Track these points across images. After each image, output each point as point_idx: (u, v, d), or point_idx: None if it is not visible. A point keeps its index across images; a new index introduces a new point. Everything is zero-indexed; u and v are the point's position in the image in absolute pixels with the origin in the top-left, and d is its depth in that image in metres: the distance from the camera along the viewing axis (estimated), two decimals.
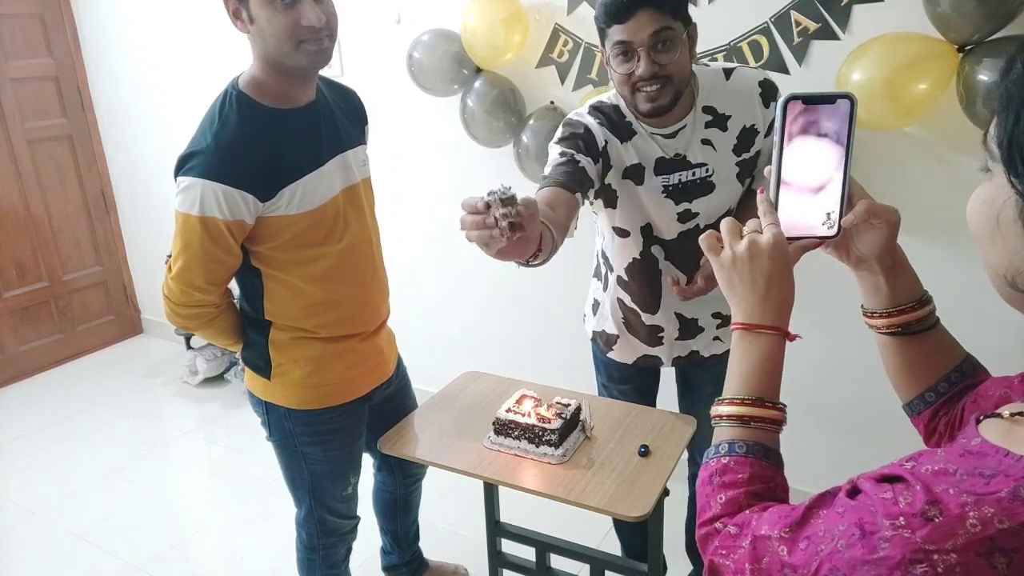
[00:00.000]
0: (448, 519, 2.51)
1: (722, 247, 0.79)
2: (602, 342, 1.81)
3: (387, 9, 2.72)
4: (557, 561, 1.95)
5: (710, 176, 1.52)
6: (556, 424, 1.60)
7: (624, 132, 1.51)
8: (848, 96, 0.73)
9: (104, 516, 2.69)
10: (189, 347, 3.69)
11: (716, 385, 1.73)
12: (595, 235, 1.79)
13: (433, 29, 2.52)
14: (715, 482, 0.73)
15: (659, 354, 1.76)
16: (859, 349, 2.20)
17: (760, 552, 0.64)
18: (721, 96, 1.50)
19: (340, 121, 1.59)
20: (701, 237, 0.82)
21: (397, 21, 2.71)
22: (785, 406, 0.76)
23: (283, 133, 1.46)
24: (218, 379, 3.61)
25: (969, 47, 1.77)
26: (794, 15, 2.03)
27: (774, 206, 0.79)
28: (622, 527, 2.05)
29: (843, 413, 2.30)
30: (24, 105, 3.59)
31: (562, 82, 2.46)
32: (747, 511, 0.69)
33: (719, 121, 1.51)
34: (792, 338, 0.78)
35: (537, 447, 1.61)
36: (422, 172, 2.88)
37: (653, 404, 1.90)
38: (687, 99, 1.48)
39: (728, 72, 1.52)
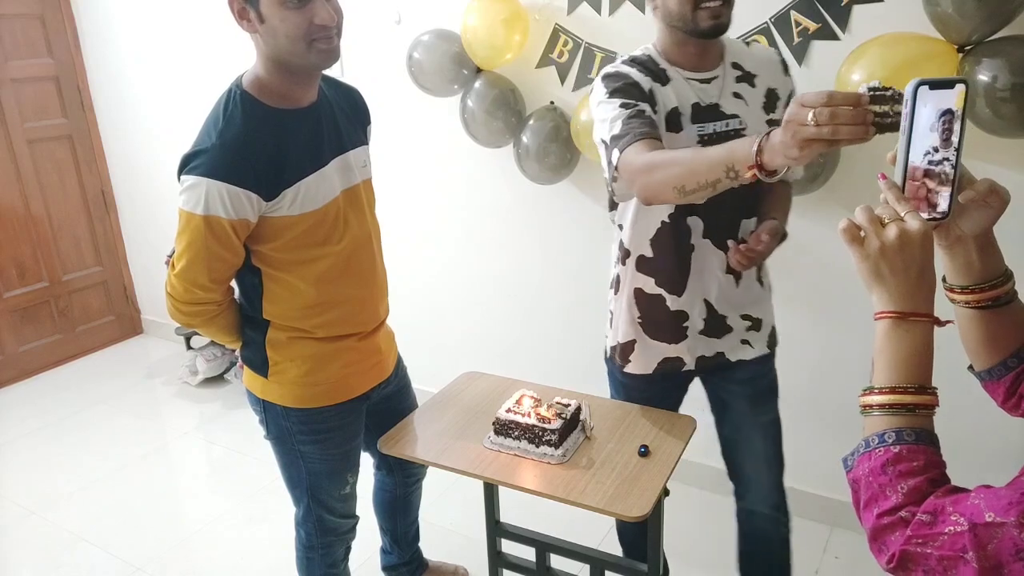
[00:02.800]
0: (448, 519, 2.51)
1: (863, 237, 0.80)
2: (619, 356, 1.73)
3: (387, 9, 2.72)
4: (557, 561, 1.95)
5: (743, 129, 1.50)
6: (556, 424, 1.60)
7: (662, 78, 1.49)
8: (964, 81, 0.77)
9: (104, 516, 2.69)
10: (189, 347, 3.69)
11: (751, 404, 1.72)
12: (608, 243, 1.76)
13: (433, 29, 2.52)
14: (890, 472, 0.74)
15: (681, 353, 1.67)
16: (859, 349, 2.20)
17: (985, 538, 0.66)
18: (745, 58, 1.53)
19: (342, 122, 1.58)
20: (842, 227, 0.81)
21: (397, 21, 2.71)
22: (936, 390, 0.78)
23: (287, 133, 1.46)
24: (218, 379, 3.61)
25: (969, 47, 1.77)
26: (794, 15, 2.03)
27: (901, 190, 0.80)
28: (625, 532, 1.96)
29: (843, 413, 2.30)
30: (24, 105, 3.59)
31: (562, 82, 2.46)
32: (933, 498, 0.71)
33: (747, 78, 1.52)
34: (943, 324, 0.80)
35: (537, 447, 1.61)
36: (422, 172, 2.88)
37: None
38: (717, 50, 1.50)
39: (747, 42, 1.59)
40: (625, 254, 1.66)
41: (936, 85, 0.77)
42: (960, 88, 0.77)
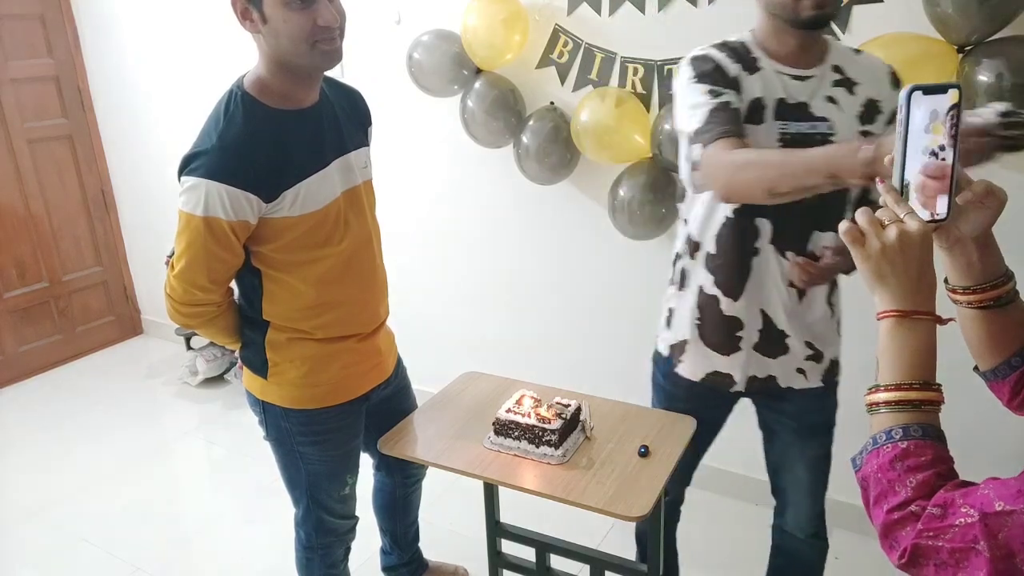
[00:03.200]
0: (448, 519, 2.51)
1: (864, 238, 0.81)
2: (676, 354, 1.65)
3: (387, 9, 2.72)
4: (557, 561, 1.95)
5: (831, 135, 1.39)
6: (556, 424, 1.60)
7: (751, 66, 1.40)
8: (957, 85, 0.79)
9: (104, 516, 2.69)
10: (189, 347, 3.69)
11: (798, 437, 1.68)
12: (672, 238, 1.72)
13: (433, 29, 2.52)
14: (898, 467, 0.75)
15: (732, 370, 1.58)
16: (860, 350, 2.19)
17: (996, 527, 0.67)
18: (850, 64, 1.43)
19: (343, 123, 1.58)
20: (843, 229, 0.82)
21: (397, 21, 2.71)
22: (941, 386, 0.79)
23: (287, 134, 1.46)
24: (218, 379, 3.61)
25: (969, 47, 1.77)
26: None
27: (900, 194, 0.81)
28: (642, 536, 1.90)
29: (843, 413, 2.29)
30: (24, 105, 3.59)
31: (562, 82, 2.46)
32: (942, 491, 0.72)
33: (847, 83, 1.41)
34: (944, 322, 0.81)
35: (537, 447, 1.61)
36: (422, 172, 2.88)
37: (707, 449, 1.77)
38: (819, 48, 1.42)
39: (857, 50, 1.48)
40: (694, 247, 1.55)
41: (930, 90, 0.78)
42: (953, 92, 0.78)
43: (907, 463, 0.75)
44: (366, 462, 1.94)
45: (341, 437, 1.72)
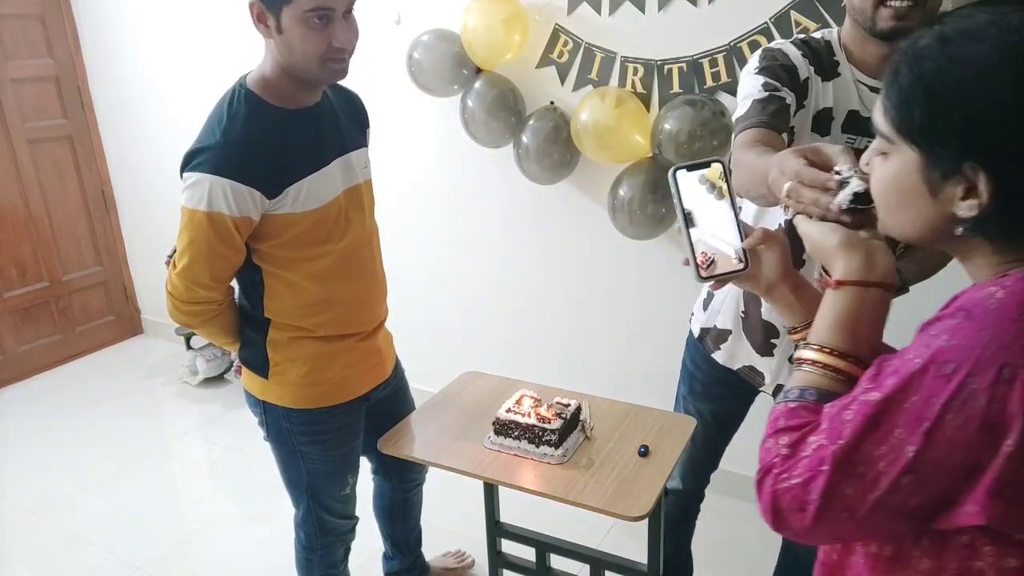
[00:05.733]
0: (448, 519, 2.51)
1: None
2: (711, 339, 1.65)
3: (387, 9, 2.72)
4: (557, 561, 1.95)
5: None
6: (556, 424, 1.60)
7: (828, 70, 1.34)
8: (719, 160, 0.90)
9: (104, 516, 2.69)
10: (189, 347, 3.69)
11: None
12: None
13: (433, 29, 2.52)
14: (779, 425, 0.75)
15: (765, 369, 1.58)
16: None
17: (839, 427, 0.68)
18: None
19: (343, 123, 1.60)
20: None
21: (397, 21, 2.71)
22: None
23: (290, 132, 1.47)
24: (218, 379, 3.61)
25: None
26: (794, 15, 2.03)
27: (695, 262, 0.90)
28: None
29: None
30: (24, 105, 3.59)
31: (562, 82, 2.46)
32: (790, 433, 0.73)
33: None
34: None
35: (537, 447, 1.61)
36: (422, 172, 2.88)
37: (728, 440, 1.79)
38: None
39: None
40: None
41: (693, 167, 0.89)
42: (716, 167, 0.89)
43: (790, 423, 0.74)
44: (366, 463, 1.94)
45: (342, 436, 1.72)
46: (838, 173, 0.81)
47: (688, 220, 0.89)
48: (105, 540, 2.56)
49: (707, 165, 0.89)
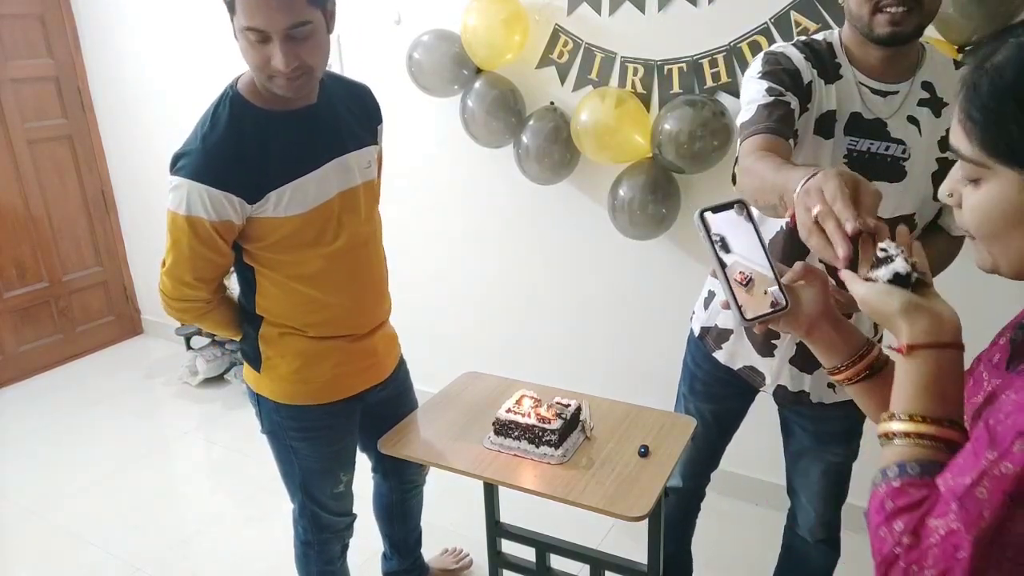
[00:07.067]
0: (448, 519, 2.51)
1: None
2: (712, 338, 1.64)
3: (387, 9, 2.72)
4: (557, 561, 1.95)
5: (904, 159, 1.31)
6: (556, 424, 1.60)
7: (831, 73, 1.33)
8: (740, 201, 0.89)
9: (104, 516, 2.69)
10: (189, 347, 3.69)
11: (816, 441, 1.66)
12: None
13: (433, 29, 2.52)
14: (888, 508, 0.68)
15: (765, 370, 1.57)
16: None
17: (973, 508, 0.61)
18: (944, 79, 1.33)
19: (345, 122, 1.56)
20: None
21: (397, 21, 2.71)
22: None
23: (275, 136, 1.45)
24: (218, 379, 3.61)
25: (969, 47, 1.77)
26: (794, 15, 2.03)
27: (736, 304, 0.86)
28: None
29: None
30: (24, 105, 3.59)
31: (562, 83, 2.46)
32: (906, 515, 0.67)
33: (934, 103, 1.32)
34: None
35: (537, 447, 1.61)
36: (422, 172, 2.88)
37: (729, 439, 1.79)
38: (908, 61, 1.32)
39: (958, 64, 1.37)
40: None
41: (718, 209, 0.87)
42: (739, 206, 0.88)
43: (898, 504, 0.68)
44: (365, 464, 1.93)
45: (332, 435, 1.72)
46: (883, 251, 0.77)
47: (722, 262, 0.86)
48: (105, 540, 2.56)
49: (731, 206, 0.88)
